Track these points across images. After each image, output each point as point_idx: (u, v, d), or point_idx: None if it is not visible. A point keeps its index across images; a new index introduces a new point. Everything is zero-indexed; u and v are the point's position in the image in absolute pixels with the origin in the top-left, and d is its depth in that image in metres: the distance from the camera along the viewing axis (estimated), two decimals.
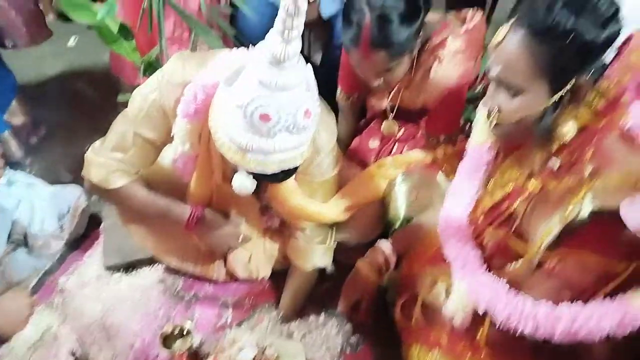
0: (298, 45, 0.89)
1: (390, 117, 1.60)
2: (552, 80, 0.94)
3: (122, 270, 1.67)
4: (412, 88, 1.49)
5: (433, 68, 1.42)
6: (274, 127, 0.93)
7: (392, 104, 1.57)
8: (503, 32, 0.96)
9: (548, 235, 0.99)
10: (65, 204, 1.67)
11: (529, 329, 0.99)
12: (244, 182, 1.03)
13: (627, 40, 0.96)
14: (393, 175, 1.52)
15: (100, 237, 1.75)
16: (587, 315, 0.94)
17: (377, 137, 1.68)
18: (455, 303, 1.12)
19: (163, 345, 1.37)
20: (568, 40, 0.89)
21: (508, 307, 1.02)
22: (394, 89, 1.52)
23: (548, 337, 0.98)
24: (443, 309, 1.14)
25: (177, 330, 1.40)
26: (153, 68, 1.62)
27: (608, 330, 0.93)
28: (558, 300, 0.98)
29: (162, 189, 1.33)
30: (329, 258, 1.49)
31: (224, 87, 0.98)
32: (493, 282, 1.07)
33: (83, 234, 1.76)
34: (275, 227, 1.56)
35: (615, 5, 0.90)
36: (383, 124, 1.64)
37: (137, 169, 1.29)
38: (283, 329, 1.55)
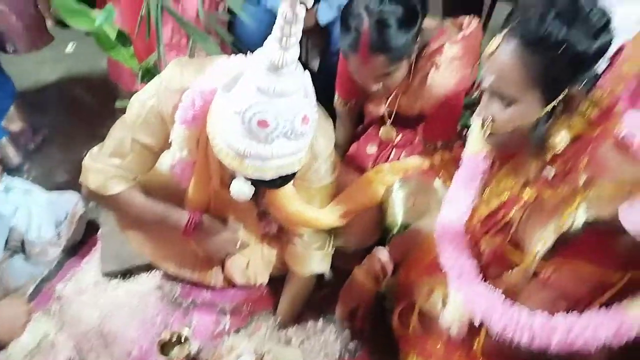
0: (296, 52, 0.90)
1: (388, 123, 1.61)
2: (544, 91, 0.95)
3: (119, 277, 1.66)
4: (409, 94, 1.49)
5: (430, 74, 1.42)
6: (272, 133, 0.94)
7: (389, 110, 1.57)
8: (496, 42, 0.97)
9: (543, 245, 0.99)
10: (63, 211, 1.67)
11: (525, 340, 0.99)
12: (242, 188, 1.03)
13: (618, 51, 0.97)
14: (390, 181, 1.52)
15: (98, 243, 1.75)
16: (583, 326, 0.94)
17: (374, 143, 1.68)
18: (452, 313, 1.12)
19: (161, 353, 1.37)
20: (560, 51, 0.89)
21: (504, 317, 1.02)
22: (392, 95, 1.52)
23: (544, 347, 0.97)
24: (439, 319, 1.14)
25: (174, 337, 1.40)
26: (151, 74, 1.62)
27: (604, 340, 0.93)
28: (554, 311, 0.98)
29: (160, 195, 1.33)
30: (327, 264, 1.49)
31: (222, 93, 0.99)
32: (489, 292, 1.07)
33: (80, 241, 1.75)
34: (273, 233, 1.56)
35: (607, 16, 0.91)
36: (381, 130, 1.64)
37: (135, 175, 1.29)
38: (281, 336, 1.54)
